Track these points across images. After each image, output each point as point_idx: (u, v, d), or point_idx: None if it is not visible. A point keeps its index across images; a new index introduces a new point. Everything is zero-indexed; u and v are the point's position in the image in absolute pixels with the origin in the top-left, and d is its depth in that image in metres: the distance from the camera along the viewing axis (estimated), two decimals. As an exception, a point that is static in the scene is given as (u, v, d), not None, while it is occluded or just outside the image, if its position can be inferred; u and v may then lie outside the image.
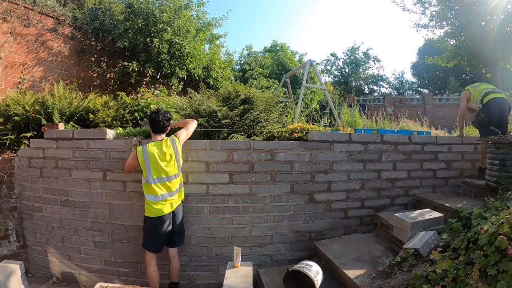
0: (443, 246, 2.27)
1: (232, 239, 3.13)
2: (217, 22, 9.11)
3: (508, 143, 2.88)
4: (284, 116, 5.06)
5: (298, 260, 2.82)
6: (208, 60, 8.65)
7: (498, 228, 1.79)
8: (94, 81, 7.20)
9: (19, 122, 3.79)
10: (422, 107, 18.33)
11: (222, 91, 4.32)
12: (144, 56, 7.20)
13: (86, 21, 6.91)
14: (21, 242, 3.43)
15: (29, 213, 3.42)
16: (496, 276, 1.62)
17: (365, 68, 27.68)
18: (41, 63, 6.15)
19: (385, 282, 2.22)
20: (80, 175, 3.21)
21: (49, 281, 3.29)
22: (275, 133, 3.68)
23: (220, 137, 3.67)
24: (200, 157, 3.11)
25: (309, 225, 3.27)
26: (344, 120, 6.34)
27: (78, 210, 3.21)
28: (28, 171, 3.42)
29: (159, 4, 7.45)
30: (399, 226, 2.71)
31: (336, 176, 3.34)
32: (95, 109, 4.16)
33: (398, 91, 29.41)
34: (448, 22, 8.60)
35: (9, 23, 5.56)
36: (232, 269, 2.65)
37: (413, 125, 6.61)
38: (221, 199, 3.12)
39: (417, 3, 8.91)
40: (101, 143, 3.17)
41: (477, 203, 2.81)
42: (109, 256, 3.16)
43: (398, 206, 3.54)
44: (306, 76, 7.32)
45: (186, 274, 3.13)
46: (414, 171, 3.60)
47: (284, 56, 18.02)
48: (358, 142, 3.42)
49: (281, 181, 3.19)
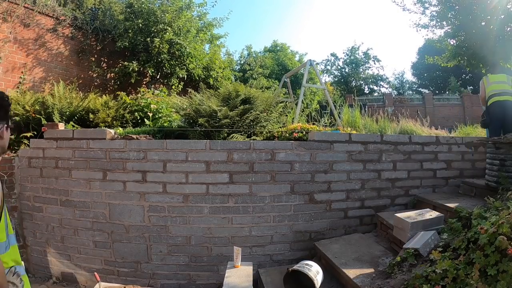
0: (443, 246, 2.27)
1: (232, 239, 3.13)
2: (218, 23, 9.12)
3: (508, 143, 2.88)
4: (284, 116, 5.06)
5: (298, 260, 2.82)
6: (208, 60, 8.66)
7: (498, 228, 1.79)
8: (94, 81, 7.20)
9: (19, 122, 3.80)
10: (422, 107, 18.32)
11: (222, 91, 4.32)
12: (144, 56, 7.20)
13: (86, 21, 6.92)
14: (21, 242, 3.42)
15: (29, 213, 3.42)
16: (496, 276, 1.62)
17: (365, 68, 27.69)
18: (41, 63, 6.16)
19: (385, 282, 2.22)
20: (80, 175, 3.21)
21: (49, 281, 3.29)
22: (275, 133, 3.69)
23: (220, 137, 3.67)
24: (200, 157, 3.11)
25: (309, 225, 3.27)
26: (345, 120, 6.34)
27: (78, 210, 3.22)
28: (28, 171, 3.42)
29: (159, 4, 7.45)
30: (399, 226, 2.71)
31: (336, 176, 3.34)
32: (95, 109, 4.16)
33: (398, 91, 29.40)
34: (448, 22, 8.58)
35: (9, 23, 5.56)
36: (232, 269, 2.64)
37: (414, 124, 6.61)
38: (221, 199, 3.12)
39: (417, 3, 8.88)
40: (101, 143, 3.17)
41: (477, 203, 2.80)
42: (109, 256, 3.16)
43: (398, 206, 3.54)
44: (306, 76, 7.33)
45: (186, 274, 3.13)
46: (414, 171, 3.60)
47: (284, 56, 18.02)
48: (358, 142, 3.42)
49: (281, 181, 3.19)
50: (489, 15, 7.64)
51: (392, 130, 6.09)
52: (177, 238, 3.11)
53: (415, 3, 8.94)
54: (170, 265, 3.13)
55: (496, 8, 7.41)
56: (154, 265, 3.14)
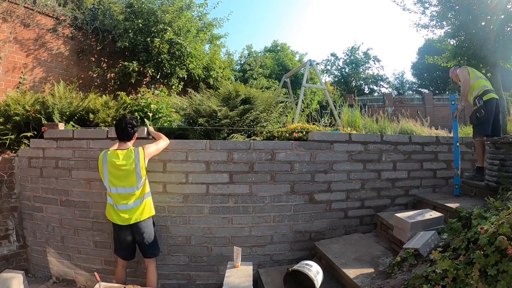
0: (443, 246, 2.27)
1: (232, 239, 3.13)
2: (218, 23, 9.12)
3: (508, 143, 2.88)
4: (284, 116, 5.06)
5: (298, 260, 2.82)
6: (208, 60, 8.65)
7: (498, 228, 1.79)
8: (94, 81, 7.20)
9: (19, 122, 3.80)
10: (422, 107, 18.31)
11: (222, 91, 4.32)
12: (144, 56, 7.20)
13: (86, 21, 6.91)
14: (21, 242, 3.43)
15: (29, 213, 3.42)
16: (496, 276, 1.62)
17: (365, 68, 27.66)
18: (41, 63, 6.15)
19: (385, 282, 2.22)
20: (80, 175, 3.21)
21: (49, 281, 3.30)
22: (275, 133, 3.69)
23: (220, 137, 3.67)
24: (200, 157, 3.11)
25: (309, 225, 3.27)
26: (345, 120, 6.34)
27: (78, 210, 3.22)
28: (28, 171, 3.42)
29: (159, 4, 7.45)
30: (399, 226, 2.71)
31: (336, 176, 3.34)
32: (95, 109, 4.16)
33: (398, 91, 29.39)
34: (448, 22, 8.58)
35: (9, 23, 5.56)
36: (232, 269, 2.64)
37: (414, 124, 6.61)
38: (221, 199, 3.12)
39: (417, 3, 8.89)
40: (101, 143, 3.16)
41: (477, 203, 2.81)
42: (109, 256, 3.16)
43: (398, 206, 3.54)
44: (306, 76, 7.33)
45: (186, 274, 3.13)
46: (414, 171, 3.60)
47: (285, 56, 18.02)
48: (358, 142, 3.42)
49: (281, 181, 3.19)
50: (489, 15, 7.63)
51: (392, 130, 6.09)
52: (177, 238, 3.11)
53: (415, 3, 8.94)
54: (170, 265, 3.13)
55: (496, 8, 7.40)
56: (154, 265, 3.13)
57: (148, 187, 2.67)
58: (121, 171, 2.50)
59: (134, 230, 2.60)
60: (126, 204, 2.53)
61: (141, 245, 2.66)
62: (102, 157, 2.55)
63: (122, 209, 2.53)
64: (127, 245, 2.64)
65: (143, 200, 2.59)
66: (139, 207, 2.57)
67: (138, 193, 2.56)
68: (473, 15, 7.83)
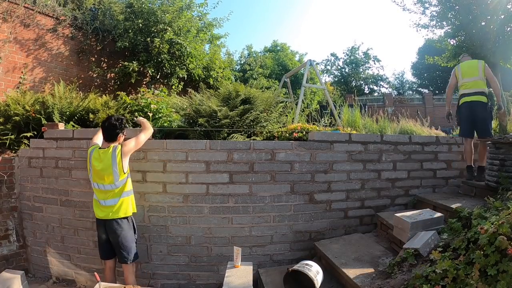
0: (443, 246, 2.27)
1: (232, 239, 3.13)
2: (218, 23, 9.12)
3: (508, 143, 2.89)
4: (284, 116, 5.06)
5: (298, 260, 2.82)
6: (208, 60, 8.65)
7: (498, 228, 1.79)
8: (95, 81, 7.20)
9: (19, 122, 3.80)
10: (422, 107, 18.29)
11: (222, 91, 4.32)
12: (144, 56, 7.20)
13: (86, 21, 6.91)
14: (21, 242, 3.43)
15: (29, 213, 3.42)
16: (496, 276, 1.62)
17: (365, 68, 27.64)
18: (41, 63, 6.15)
19: (385, 282, 2.22)
20: (80, 175, 3.21)
21: (49, 281, 3.30)
22: (275, 133, 3.69)
23: (220, 137, 3.67)
24: (200, 157, 3.11)
25: (309, 225, 3.27)
26: (345, 120, 6.33)
27: (78, 210, 3.22)
28: (28, 171, 3.42)
29: (159, 4, 7.45)
30: (399, 226, 2.71)
31: (336, 176, 3.34)
32: (95, 109, 4.16)
33: (398, 91, 29.37)
34: (448, 22, 8.60)
35: (9, 23, 5.56)
36: (232, 269, 2.64)
37: (414, 125, 6.60)
38: (221, 199, 3.12)
39: (417, 3, 8.90)
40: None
41: (477, 203, 2.81)
42: (109, 256, 3.16)
43: (398, 206, 3.54)
44: (306, 76, 7.33)
45: (186, 274, 3.13)
46: (414, 171, 3.60)
47: (285, 56, 18.01)
48: (358, 142, 3.42)
49: (281, 181, 3.19)
50: (489, 15, 7.64)
51: (392, 130, 6.08)
52: (177, 238, 3.11)
53: (415, 3, 8.96)
54: (170, 265, 3.13)
55: (496, 8, 7.41)
56: (154, 265, 3.14)
57: (129, 186, 2.69)
58: (99, 169, 2.56)
59: (106, 227, 2.61)
60: (104, 200, 2.59)
61: (115, 246, 2.64)
62: (89, 153, 2.62)
63: (102, 205, 2.60)
64: (102, 243, 2.66)
65: (120, 198, 2.60)
66: (115, 205, 2.59)
67: (117, 191, 2.59)
68: (473, 15, 7.84)
